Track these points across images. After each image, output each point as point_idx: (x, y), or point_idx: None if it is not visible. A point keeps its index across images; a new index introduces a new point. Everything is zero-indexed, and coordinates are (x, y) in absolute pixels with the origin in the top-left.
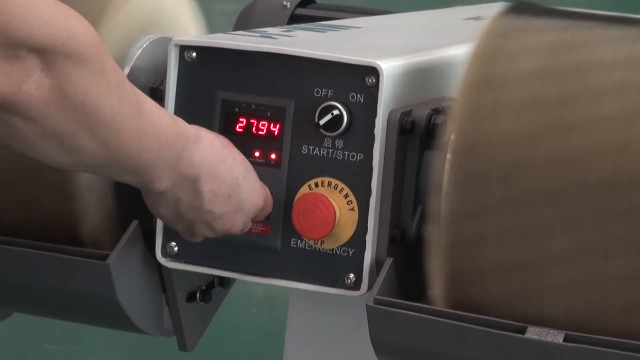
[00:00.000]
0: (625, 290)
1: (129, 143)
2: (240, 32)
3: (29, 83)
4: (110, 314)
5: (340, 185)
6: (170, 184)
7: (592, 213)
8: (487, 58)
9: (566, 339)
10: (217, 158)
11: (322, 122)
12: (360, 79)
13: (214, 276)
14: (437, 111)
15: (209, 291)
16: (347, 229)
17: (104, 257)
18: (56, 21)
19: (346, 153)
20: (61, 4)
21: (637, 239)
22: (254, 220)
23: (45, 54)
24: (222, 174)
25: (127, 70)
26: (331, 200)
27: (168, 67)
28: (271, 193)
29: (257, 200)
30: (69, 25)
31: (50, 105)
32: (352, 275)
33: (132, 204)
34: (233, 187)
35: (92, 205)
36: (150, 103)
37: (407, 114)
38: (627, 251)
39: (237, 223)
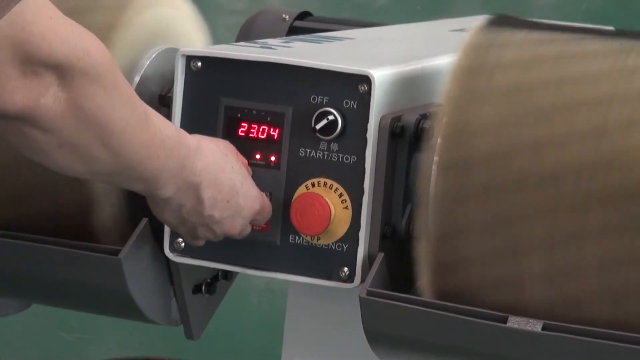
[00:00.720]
0: (604, 277)
1: (137, 152)
2: (242, 43)
3: (47, 97)
4: (121, 305)
5: (335, 185)
6: (174, 191)
7: (570, 200)
8: (468, 67)
9: (544, 327)
10: (217, 167)
11: (318, 126)
12: (353, 87)
13: (218, 270)
14: (425, 116)
15: (213, 284)
16: (341, 226)
17: (116, 252)
18: (72, 40)
19: (340, 155)
20: (77, 24)
21: (614, 224)
22: (254, 224)
23: (62, 70)
24: (221, 181)
25: (137, 78)
26: (327, 200)
27: (175, 76)
28: (271, 193)
29: (254, 205)
30: (84, 44)
31: (66, 118)
32: (346, 269)
33: (141, 203)
34: (231, 193)
35: (104, 203)
36: (156, 115)
37: (397, 119)
38: (604, 237)
39: (236, 226)
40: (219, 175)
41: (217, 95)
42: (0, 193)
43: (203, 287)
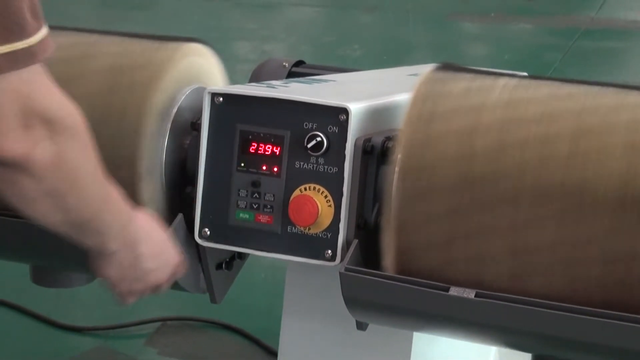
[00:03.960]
0: (534, 259)
1: (98, 205)
2: (253, 84)
3: (39, 148)
4: None
5: (322, 189)
6: (119, 245)
7: (499, 197)
8: (421, 101)
9: (476, 295)
10: (150, 228)
11: (309, 145)
12: (335, 116)
13: (235, 252)
14: (389, 138)
15: (231, 262)
16: (326, 219)
17: None
18: (62, 103)
19: (326, 167)
20: (63, 93)
21: (541, 216)
22: (173, 278)
23: (53, 125)
24: (154, 240)
25: (174, 110)
26: (315, 200)
27: (203, 108)
28: (273, 195)
29: (176, 258)
30: (69, 108)
31: (51, 168)
32: (329, 251)
33: (177, 203)
34: (162, 249)
35: (151, 204)
36: (109, 179)
37: (368, 140)
38: (532, 227)
39: (163, 276)
40: (152, 235)
41: (234, 122)
42: None
43: (223, 265)
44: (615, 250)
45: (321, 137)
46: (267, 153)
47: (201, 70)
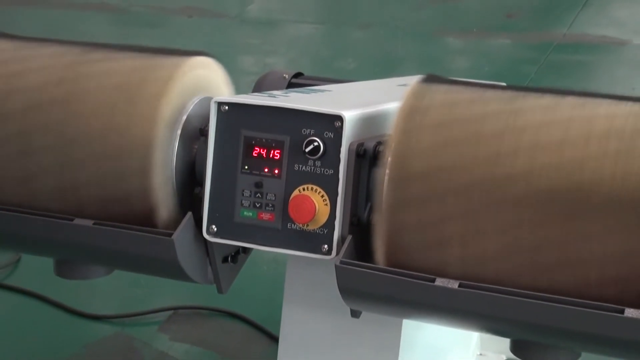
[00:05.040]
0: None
1: None
2: (256, 93)
3: None
4: (173, 270)
5: (319, 189)
6: None
7: (478, 203)
8: (408, 113)
9: (460, 285)
10: None
11: (307, 150)
12: (331, 123)
13: (239, 246)
14: (380, 143)
15: (236, 256)
16: (323, 217)
17: (170, 235)
18: None
19: (322, 169)
20: None
21: (511, 219)
22: None
23: None
24: None
25: (184, 117)
26: (313, 199)
27: (210, 115)
28: (275, 195)
29: None
30: None
31: None
32: (326, 246)
33: (188, 202)
34: None
35: (163, 206)
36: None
37: (361, 144)
38: (506, 230)
39: None
40: None
41: (239, 128)
42: (101, 199)
43: (229, 258)
44: (608, 250)
45: (318, 142)
46: (269, 157)
47: (208, 81)
